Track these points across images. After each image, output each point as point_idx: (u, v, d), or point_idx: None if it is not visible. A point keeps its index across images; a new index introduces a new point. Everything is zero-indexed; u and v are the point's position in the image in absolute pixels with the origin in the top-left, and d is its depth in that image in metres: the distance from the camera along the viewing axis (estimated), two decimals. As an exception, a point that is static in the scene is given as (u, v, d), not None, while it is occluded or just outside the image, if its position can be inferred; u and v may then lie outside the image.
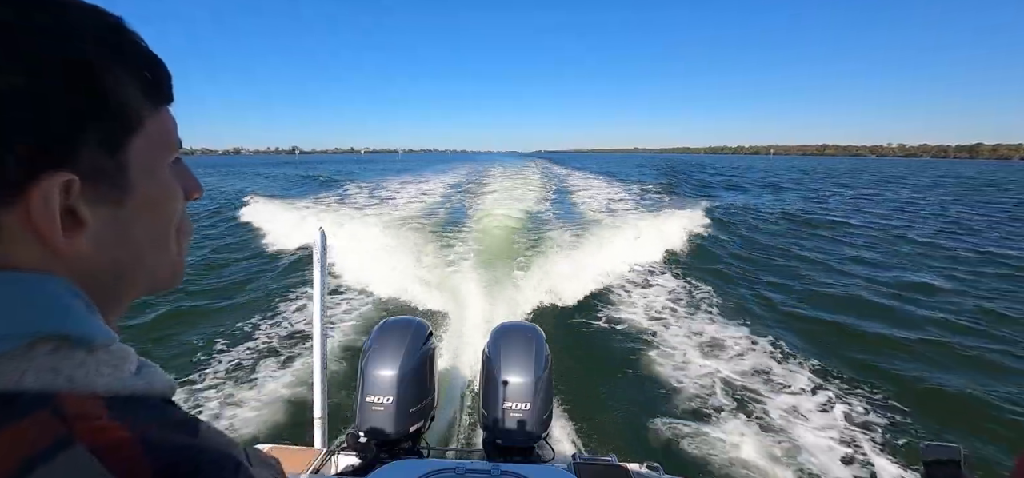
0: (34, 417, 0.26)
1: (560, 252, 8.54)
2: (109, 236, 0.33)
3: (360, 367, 2.05)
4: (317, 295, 2.24)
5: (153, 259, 0.37)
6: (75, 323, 0.30)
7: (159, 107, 0.36)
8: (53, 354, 0.29)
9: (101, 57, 0.31)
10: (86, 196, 0.31)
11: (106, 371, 0.31)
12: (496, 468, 1.49)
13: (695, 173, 38.38)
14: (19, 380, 0.27)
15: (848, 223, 13.82)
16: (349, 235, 9.49)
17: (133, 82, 0.33)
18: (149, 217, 0.36)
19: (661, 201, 17.21)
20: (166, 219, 0.38)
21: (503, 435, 2.00)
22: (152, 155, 0.35)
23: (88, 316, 0.31)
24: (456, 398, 3.87)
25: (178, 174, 0.39)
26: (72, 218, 0.30)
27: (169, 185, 0.37)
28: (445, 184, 23.35)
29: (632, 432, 3.76)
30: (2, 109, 0.27)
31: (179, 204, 0.39)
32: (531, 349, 2.12)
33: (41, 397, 0.27)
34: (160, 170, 0.36)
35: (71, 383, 0.29)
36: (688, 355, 4.92)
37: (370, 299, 6.47)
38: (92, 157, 0.31)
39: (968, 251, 10.11)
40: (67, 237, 0.30)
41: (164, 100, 0.37)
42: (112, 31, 0.33)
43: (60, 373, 0.29)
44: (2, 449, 0.25)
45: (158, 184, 0.36)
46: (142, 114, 0.34)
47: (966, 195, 23.36)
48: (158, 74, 0.36)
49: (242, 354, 4.93)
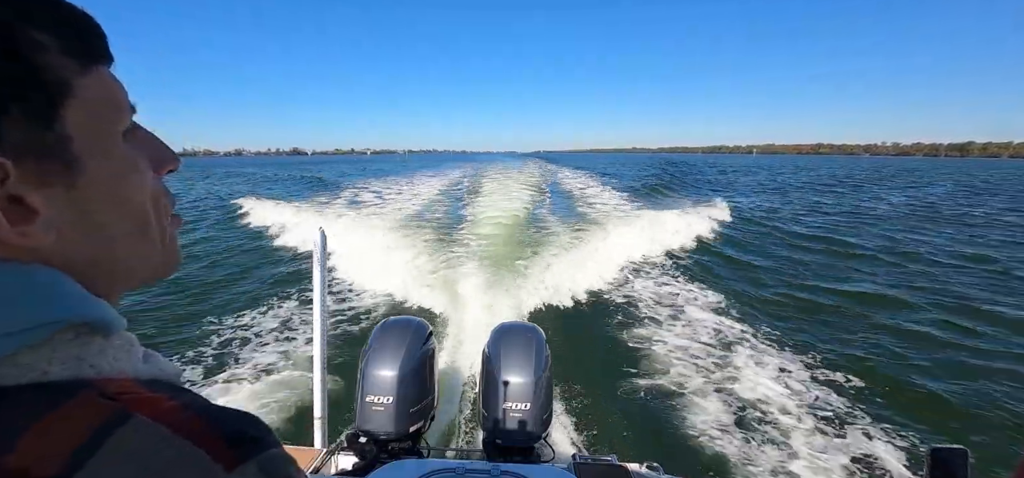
0: (79, 399, 0.26)
1: (560, 251, 8.55)
2: (69, 223, 0.30)
3: (360, 367, 2.05)
4: (317, 295, 2.24)
5: (129, 244, 0.34)
6: (94, 309, 0.30)
7: (89, 67, 0.31)
8: (74, 342, 0.28)
9: (16, 17, 0.27)
10: (27, 180, 0.27)
11: (121, 357, 0.31)
12: (496, 468, 1.49)
13: (679, 171, 38.60)
14: (46, 371, 0.27)
15: (851, 224, 13.85)
16: (349, 235, 9.49)
17: (50, 41, 0.28)
18: (110, 196, 0.32)
19: (661, 201, 17.23)
20: (132, 197, 0.33)
21: (503, 435, 2.00)
22: (94, 123, 0.31)
23: (102, 302, 0.30)
24: (456, 398, 3.88)
25: (143, 144, 0.35)
26: (19, 207, 0.27)
27: (126, 156, 0.33)
28: (445, 184, 23.36)
29: (632, 432, 3.76)
30: None
31: (146, 178, 0.34)
32: (531, 349, 2.12)
33: (75, 383, 0.27)
34: (109, 139, 0.32)
35: (95, 370, 0.29)
36: (688, 355, 4.92)
37: (370, 299, 6.47)
38: (20, 134, 0.27)
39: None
40: (18, 229, 0.27)
41: (97, 59, 0.32)
42: None
43: (83, 361, 0.28)
44: (55, 433, 0.24)
45: (111, 156, 0.32)
46: (68, 77, 0.29)
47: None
48: (83, 29, 0.31)
49: (242, 354, 4.92)
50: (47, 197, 0.28)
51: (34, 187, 0.28)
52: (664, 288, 7.09)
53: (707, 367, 4.67)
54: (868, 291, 7.28)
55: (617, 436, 3.66)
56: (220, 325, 5.71)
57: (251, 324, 5.71)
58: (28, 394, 0.26)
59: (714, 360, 4.82)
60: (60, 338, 0.28)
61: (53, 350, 0.27)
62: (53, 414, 0.25)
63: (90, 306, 0.29)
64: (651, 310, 6.18)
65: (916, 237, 11.73)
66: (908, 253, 9.91)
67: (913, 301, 6.79)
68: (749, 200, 19.22)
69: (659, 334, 5.43)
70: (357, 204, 16.05)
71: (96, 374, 0.28)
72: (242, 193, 20.00)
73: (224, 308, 6.41)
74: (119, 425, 0.25)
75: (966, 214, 15.91)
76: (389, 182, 25.17)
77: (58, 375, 0.27)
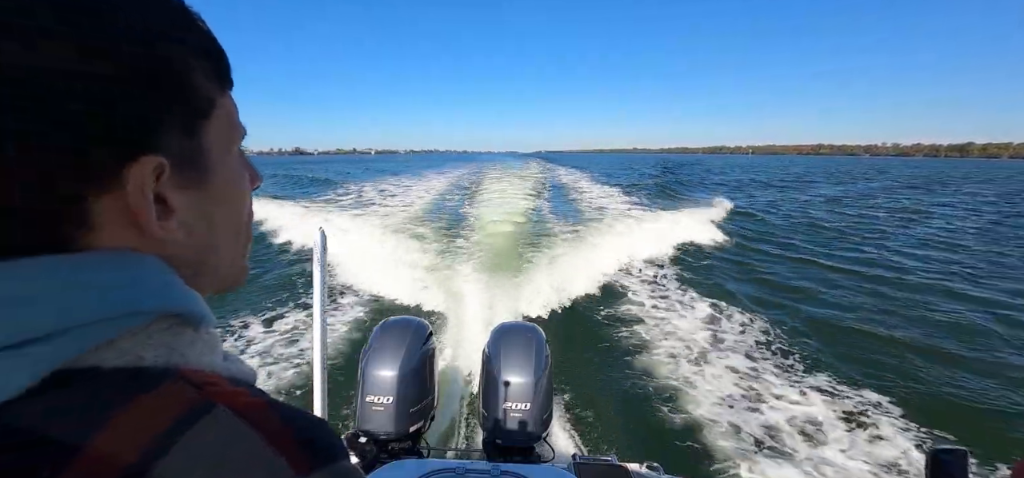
0: (167, 386, 0.28)
1: (560, 251, 8.55)
2: (194, 221, 0.34)
3: (360, 367, 2.05)
4: (317, 295, 2.24)
5: (229, 249, 0.38)
6: (191, 302, 0.32)
7: (225, 91, 0.37)
8: (167, 331, 0.30)
9: (176, 42, 0.32)
10: (173, 181, 0.31)
11: (207, 352, 0.32)
12: (496, 468, 1.49)
13: (673, 171, 38.79)
14: (140, 356, 0.28)
15: (852, 223, 13.85)
16: (349, 235, 9.49)
17: (203, 66, 0.34)
18: (227, 202, 0.37)
19: (661, 200, 17.23)
20: (240, 205, 0.39)
21: (503, 435, 2.00)
22: (224, 138, 0.36)
23: (197, 295, 0.33)
24: (456, 398, 3.87)
25: (243, 161, 0.40)
26: (162, 204, 0.31)
27: (240, 169, 0.39)
28: (446, 183, 23.37)
29: (632, 432, 3.76)
30: (92, 97, 0.27)
31: (248, 191, 0.40)
32: (531, 349, 2.12)
33: (165, 371, 0.29)
34: (232, 153, 0.37)
35: (185, 360, 0.30)
36: (689, 355, 4.92)
37: (370, 299, 6.47)
38: (176, 142, 0.31)
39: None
40: (161, 223, 0.31)
41: (229, 84, 0.37)
42: (182, 16, 0.33)
43: (174, 350, 0.30)
44: (144, 416, 0.26)
45: (231, 168, 0.37)
46: (213, 97, 0.35)
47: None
48: (223, 58, 0.36)
49: (241, 354, 4.92)
50: (184, 198, 0.33)
51: (177, 188, 0.32)
52: (665, 288, 7.08)
53: (708, 367, 4.67)
54: (872, 290, 7.28)
55: (617, 436, 3.66)
56: (219, 325, 5.71)
57: (251, 324, 5.71)
58: (122, 377, 0.27)
59: (714, 360, 4.82)
60: (156, 326, 0.30)
61: (149, 337, 0.29)
62: (144, 396, 0.27)
63: (186, 298, 0.32)
64: (651, 310, 6.17)
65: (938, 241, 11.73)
66: (911, 252, 9.91)
67: (918, 301, 6.79)
68: (750, 200, 19.25)
69: (660, 334, 5.43)
70: (362, 203, 16.05)
71: (184, 364, 0.30)
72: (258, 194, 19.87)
73: (224, 308, 6.41)
74: (203, 414, 0.27)
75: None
76: (394, 181, 25.22)
77: (151, 361, 0.29)
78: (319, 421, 0.31)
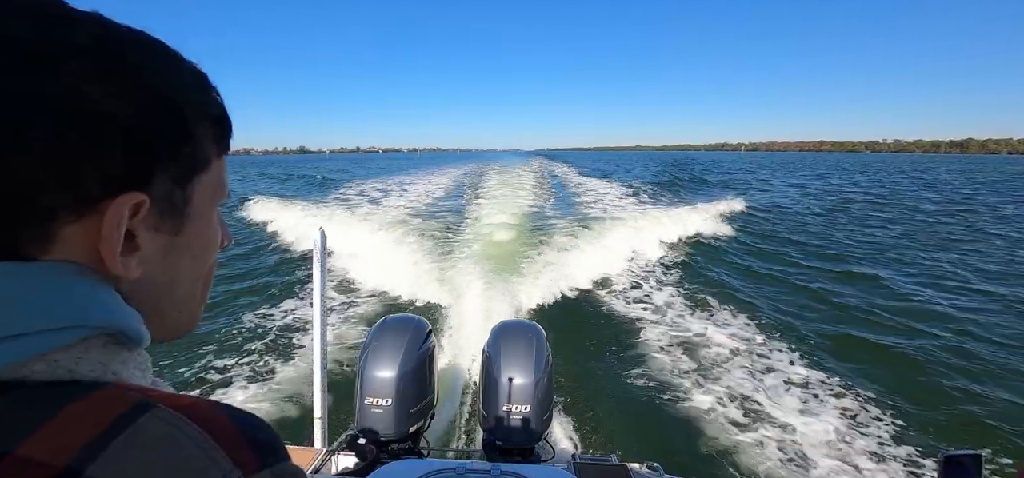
0: (104, 391, 0.28)
1: (561, 249, 8.53)
2: (156, 264, 0.34)
3: (359, 366, 2.04)
4: (317, 294, 2.23)
5: (185, 295, 0.39)
6: (128, 319, 0.32)
7: (221, 155, 0.39)
8: (102, 349, 0.30)
9: (191, 102, 0.35)
10: (148, 222, 0.33)
11: (138, 373, 0.32)
12: (496, 468, 1.48)
13: (667, 170, 38.90)
14: (74, 369, 0.28)
15: (856, 224, 13.82)
16: (349, 233, 9.49)
17: (209, 127, 0.37)
18: (194, 254, 0.38)
19: (661, 199, 17.21)
20: (206, 258, 0.40)
21: (503, 435, 1.99)
22: (208, 196, 0.38)
23: (135, 314, 0.33)
24: (456, 397, 3.87)
25: (219, 221, 0.42)
26: (130, 241, 0.32)
27: (214, 227, 0.40)
28: (447, 182, 23.36)
29: (632, 432, 3.76)
30: (100, 130, 0.29)
31: (217, 249, 0.42)
32: (531, 348, 2.11)
33: (97, 384, 0.29)
34: (212, 211, 0.39)
35: (116, 377, 0.30)
36: (690, 354, 4.92)
37: (370, 297, 6.47)
38: (164, 186, 0.33)
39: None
40: (123, 257, 0.31)
41: (225, 149, 0.40)
42: (200, 81, 0.37)
43: (108, 368, 0.30)
44: (76, 420, 0.26)
45: (207, 224, 0.39)
46: (210, 156, 0.37)
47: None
48: (227, 126, 0.39)
49: (241, 354, 4.92)
50: (152, 240, 0.33)
51: (149, 229, 0.33)
52: (665, 288, 7.08)
53: (708, 367, 4.66)
54: (876, 290, 7.26)
55: (617, 436, 3.65)
56: (219, 325, 5.71)
57: (250, 324, 5.71)
58: (53, 388, 0.27)
59: (715, 360, 4.81)
60: (92, 342, 0.30)
61: (85, 352, 0.29)
62: (78, 402, 0.26)
63: (124, 316, 0.32)
64: (652, 309, 6.17)
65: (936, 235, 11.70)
66: (919, 252, 9.88)
67: (922, 303, 6.77)
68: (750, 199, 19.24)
69: (660, 333, 5.42)
70: (360, 202, 16.05)
71: (116, 381, 0.30)
72: (281, 193, 19.63)
73: (223, 308, 6.41)
74: (143, 412, 0.27)
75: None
76: (398, 179, 25.27)
77: (83, 375, 0.28)
78: (263, 422, 0.32)
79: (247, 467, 0.28)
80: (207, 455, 0.27)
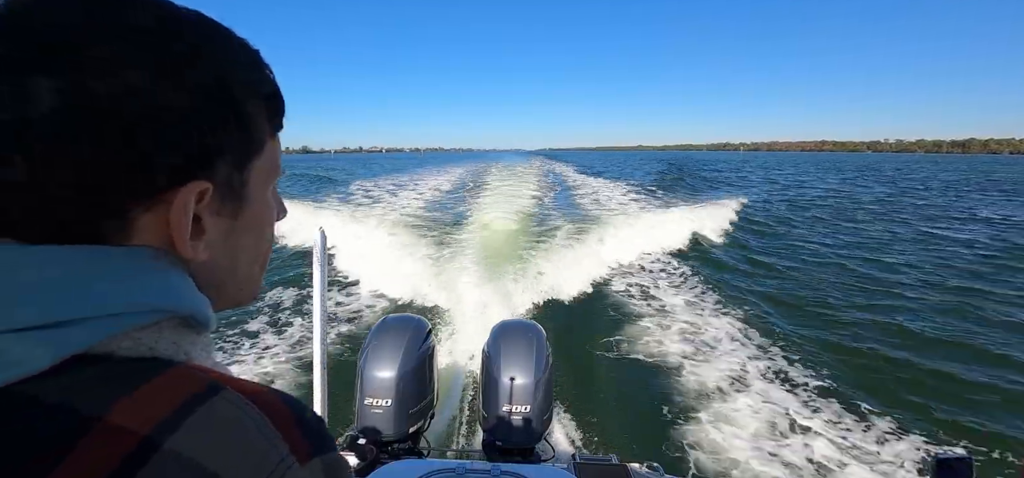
0: (178, 370, 0.30)
1: (561, 249, 8.54)
2: (219, 246, 0.36)
3: (359, 366, 2.05)
4: (317, 294, 2.23)
5: (246, 272, 0.40)
6: (199, 305, 0.34)
7: (275, 134, 0.40)
8: (176, 330, 0.33)
9: (247, 84, 0.35)
10: (211, 206, 0.34)
11: (204, 354, 0.35)
12: (496, 468, 1.48)
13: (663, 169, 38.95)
14: (153, 347, 0.31)
15: (859, 222, 13.81)
16: (350, 233, 9.50)
17: (263, 108, 0.37)
18: (253, 232, 0.39)
19: (662, 199, 17.19)
20: (264, 237, 0.41)
21: (503, 435, 1.99)
22: (265, 176, 0.39)
23: (206, 300, 0.35)
24: (456, 397, 3.87)
25: (275, 196, 0.43)
26: (196, 225, 0.33)
27: (271, 206, 0.41)
28: (449, 181, 23.38)
29: (632, 432, 3.76)
30: (163, 122, 0.30)
31: (274, 225, 0.43)
32: (532, 348, 2.11)
33: (173, 363, 0.31)
34: (268, 191, 0.40)
35: (188, 357, 0.33)
36: (690, 355, 4.91)
37: (369, 297, 6.47)
38: (225, 172, 0.34)
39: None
40: (192, 241, 0.33)
41: (278, 128, 0.40)
42: (254, 63, 0.37)
43: (180, 348, 0.32)
44: (157, 394, 0.28)
45: (265, 203, 0.40)
46: (265, 138, 0.38)
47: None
48: (280, 105, 0.39)
49: (241, 354, 4.93)
50: (216, 225, 0.35)
51: (213, 213, 0.35)
52: (665, 287, 7.07)
53: (708, 367, 4.66)
54: (876, 291, 7.25)
55: (617, 436, 3.65)
56: (219, 325, 5.72)
57: (250, 324, 5.71)
58: (136, 363, 0.30)
59: (715, 360, 4.81)
60: (168, 324, 0.32)
61: (160, 332, 0.31)
62: (157, 378, 0.29)
63: (197, 302, 0.34)
64: (653, 309, 6.16)
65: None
66: (916, 250, 9.87)
67: (923, 303, 6.76)
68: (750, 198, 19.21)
69: (660, 333, 5.42)
70: (360, 201, 16.06)
71: (187, 360, 0.33)
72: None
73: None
74: (212, 394, 0.29)
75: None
76: (400, 179, 25.32)
77: (161, 353, 0.31)
78: (316, 414, 0.34)
79: (301, 454, 0.30)
80: (267, 439, 0.29)
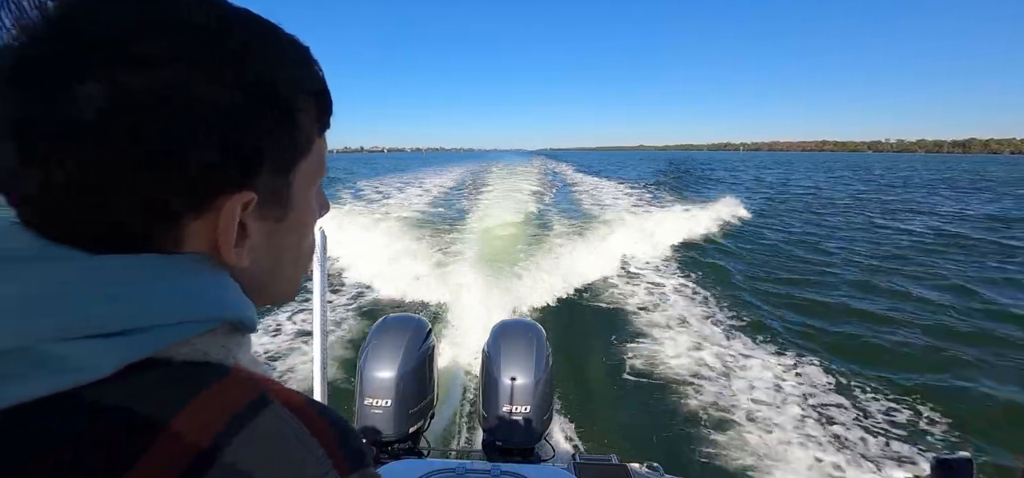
0: (230, 380, 0.31)
1: (562, 249, 8.53)
2: (262, 249, 0.36)
3: (359, 366, 2.05)
4: (317, 295, 2.23)
5: (288, 273, 0.40)
6: (248, 311, 0.35)
7: (322, 134, 0.38)
8: (227, 335, 0.33)
9: (296, 81, 0.34)
10: (256, 213, 0.34)
11: (248, 358, 0.36)
12: (496, 468, 1.48)
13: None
14: (207, 352, 0.31)
15: (860, 220, 13.80)
16: (350, 233, 9.49)
17: (311, 109, 0.36)
18: (296, 233, 0.39)
19: (662, 199, 17.19)
20: (306, 237, 0.41)
21: (503, 435, 1.99)
22: (310, 177, 0.38)
23: (252, 305, 0.36)
24: (456, 397, 3.87)
25: (318, 194, 0.42)
26: (240, 230, 0.33)
27: (312, 208, 0.40)
28: (450, 180, 23.40)
29: (632, 432, 3.75)
30: (218, 125, 0.29)
31: (315, 225, 0.42)
32: (532, 347, 2.11)
33: (224, 368, 0.32)
34: (312, 193, 0.39)
35: (236, 361, 0.34)
36: (690, 355, 4.90)
37: (370, 297, 6.47)
38: (272, 175, 0.34)
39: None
40: (236, 248, 0.33)
41: (326, 127, 0.39)
42: (304, 61, 0.36)
43: (230, 352, 0.33)
44: (213, 404, 0.29)
45: (308, 205, 0.39)
46: (312, 139, 0.37)
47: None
48: (328, 104, 0.38)
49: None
50: (260, 229, 0.35)
51: (258, 219, 0.34)
52: (666, 287, 7.06)
53: (708, 367, 4.65)
54: (875, 291, 7.24)
55: (617, 436, 3.65)
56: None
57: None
58: (192, 370, 0.30)
59: (715, 360, 4.80)
60: (220, 329, 0.33)
61: (214, 338, 0.32)
62: (215, 386, 0.30)
63: (245, 308, 0.35)
64: (653, 309, 6.15)
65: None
66: (917, 256, 9.86)
67: (923, 303, 6.75)
68: (751, 198, 19.22)
69: (661, 333, 5.41)
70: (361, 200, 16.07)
71: (235, 363, 0.33)
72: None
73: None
74: (262, 408, 0.30)
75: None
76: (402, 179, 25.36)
77: (214, 359, 0.32)
78: (355, 430, 0.35)
79: (341, 469, 0.31)
80: (311, 453, 0.30)
